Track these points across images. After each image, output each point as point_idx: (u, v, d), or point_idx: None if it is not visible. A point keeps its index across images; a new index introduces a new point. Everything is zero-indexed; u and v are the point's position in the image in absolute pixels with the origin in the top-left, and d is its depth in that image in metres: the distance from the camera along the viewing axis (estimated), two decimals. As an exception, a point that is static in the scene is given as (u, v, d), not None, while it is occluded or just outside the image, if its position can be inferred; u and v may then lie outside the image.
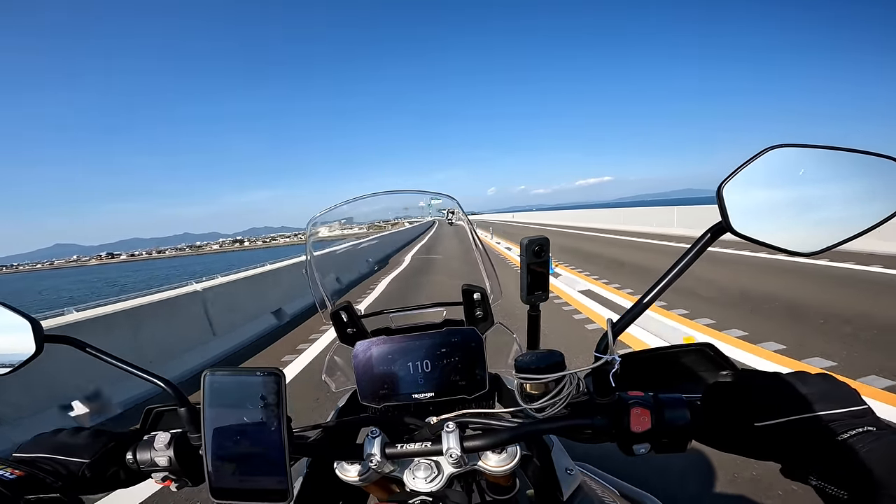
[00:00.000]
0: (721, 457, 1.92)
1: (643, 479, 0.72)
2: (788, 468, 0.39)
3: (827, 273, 5.77)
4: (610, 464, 0.77)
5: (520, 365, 0.50)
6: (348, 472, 0.55)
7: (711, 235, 0.40)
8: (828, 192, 0.37)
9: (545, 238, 0.59)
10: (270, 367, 0.46)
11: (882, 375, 2.65)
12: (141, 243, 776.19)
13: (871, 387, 2.52)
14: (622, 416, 0.45)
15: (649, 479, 1.35)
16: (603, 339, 0.45)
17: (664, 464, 1.89)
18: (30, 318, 0.53)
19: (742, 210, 0.37)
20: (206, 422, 0.46)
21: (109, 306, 3.64)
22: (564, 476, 0.61)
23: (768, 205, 0.37)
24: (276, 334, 5.21)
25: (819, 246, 0.37)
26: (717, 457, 1.93)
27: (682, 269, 0.41)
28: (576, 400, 0.49)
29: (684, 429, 0.44)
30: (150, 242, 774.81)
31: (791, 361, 3.04)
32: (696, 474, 1.89)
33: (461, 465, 0.53)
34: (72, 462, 0.51)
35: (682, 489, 1.82)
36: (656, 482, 1.77)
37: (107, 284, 49.35)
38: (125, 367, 0.54)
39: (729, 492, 1.79)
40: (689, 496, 1.78)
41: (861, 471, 0.33)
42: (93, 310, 3.53)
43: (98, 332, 3.31)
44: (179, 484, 0.55)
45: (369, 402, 0.73)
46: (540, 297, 0.62)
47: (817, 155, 0.36)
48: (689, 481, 1.85)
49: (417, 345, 0.71)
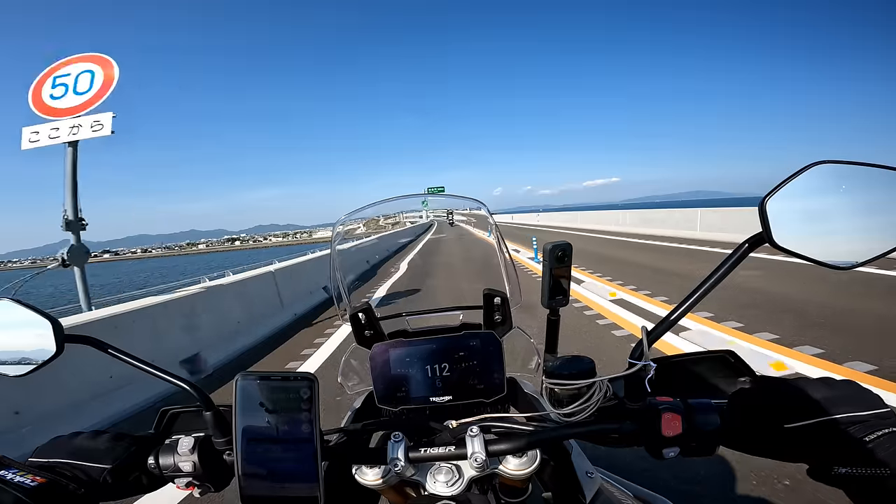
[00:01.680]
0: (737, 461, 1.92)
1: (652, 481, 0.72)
2: (816, 469, 0.41)
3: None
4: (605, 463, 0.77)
5: (551, 370, 0.50)
6: (367, 476, 0.54)
7: (749, 246, 0.40)
8: (867, 208, 0.38)
9: (568, 243, 0.59)
10: (304, 373, 0.45)
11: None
12: (147, 240, 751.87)
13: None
14: (654, 420, 0.45)
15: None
16: (638, 347, 0.45)
17: (661, 465, 1.90)
18: (50, 317, 0.51)
19: (783, 223, 0.38)
20: (238, 427, 0.45)
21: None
22: (585, 479, 0.62)
23: (809, 219, 0.38)
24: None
25: (855, 260, 0.38)
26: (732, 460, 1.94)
27: (719, 279, 0.42)
28: (604, 405, 0.50)
29: (714, 433, 0.45)
30: (157, 239, 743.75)
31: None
32: (707, 477, 1.90)
33: (483, 469, 0.53)
34: (93, 468, 0.50)
35: (692, 492, 1.83)
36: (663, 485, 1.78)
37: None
38: (146, 369, 0.53)
39: (739, 494, 1.80)
40: (702, 499, 1.79)
41: (892, 459, 0.35)
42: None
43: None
44: (203, 490, 0.54)
45: (386, 405, 0.72)
46: (560, 301, 0.63)
47: (860, 172, 0.37)
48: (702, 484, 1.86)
49: (435, 348, 0.71)
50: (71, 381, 2.94)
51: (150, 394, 3.40)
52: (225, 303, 4.96)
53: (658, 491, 0.72)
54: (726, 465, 1.94)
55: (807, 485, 1.61)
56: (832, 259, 0.38)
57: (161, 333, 3.90)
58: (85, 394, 3.04)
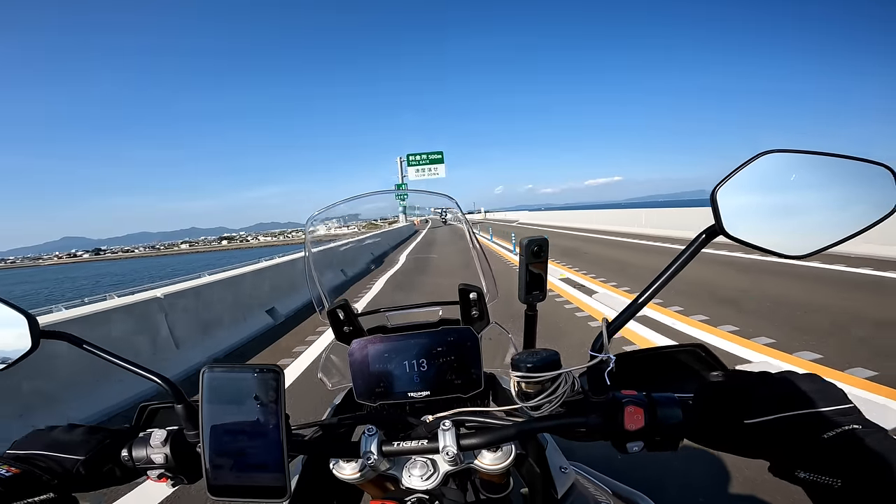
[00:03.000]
0: (714, 457, 1.94)
1: (639, 480, 0.73)
2: (777, 466, 0.40)
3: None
4: (606, 464, 0.78)
5: (516, 363, 0.50)
6: (344, 470, 0.55)
7: (706, 237, 0.40)
8: (818, 196, 0.38)
9: (544, 238, 0.59)
10: (269, 365, 0.46)
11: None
12: (149, 237, 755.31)
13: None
14: (616, 414, 0.45)
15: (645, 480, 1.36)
16: (598, 339, 0.45)
17: (659, 463, 1.91)
18: (25, 312, 0.52)
19: (734, 213, 0.38)
20: (205, 418, 0.46)
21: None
22: (559, 474, 0.62)
23: (760, 209, 0.38)
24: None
25: (809, 249, 0.38)
26: (710, 457, 1.95)
27: (677, 270, 0.42)
28: (571, 399, 0.50)
29: (676, 427, 0.45)
30: (158, 236, 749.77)
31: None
32: (689, 474, 1.91)
33: (457, 463, 0.53)
34: (66, 459, 0.51)
35: (675, 489, 1.84)
36: (653, 483, 1.79)
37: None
38: (122, 364, 0.54)
39: (720, 491, 1.81)
40: (682, 496, 1.80)
41: (851, 464, 0.34)
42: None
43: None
44: (175, 481, 0.55)
45: (365, 400, 0.73)
46: (537, 297, 0.63)
47: (809, 161, 0.37)
48: (682, 481, 1.87)
49: (413, 343, 0.71)
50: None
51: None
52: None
53: (639, 488, 0.72)
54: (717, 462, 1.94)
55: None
56: (785, 249, 0.38)
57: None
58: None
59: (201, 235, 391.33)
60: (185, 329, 4.24)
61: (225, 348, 4.61)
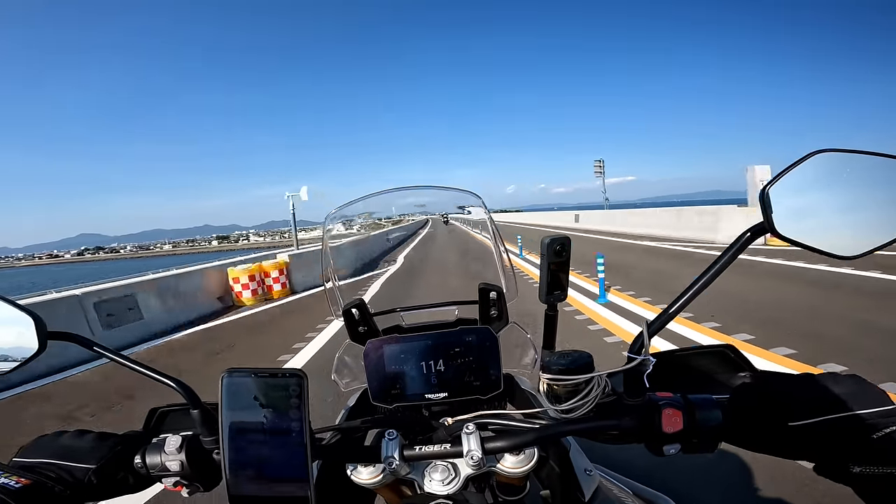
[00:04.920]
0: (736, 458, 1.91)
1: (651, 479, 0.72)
2: (824, 465, 0.40)
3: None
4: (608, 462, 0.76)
5: (546, 365, 0.49)
6: (362, 475, 0.53)
7: (751, 235, 0.39)
8: (870, 196, 0.37)
9: (567, 237, 0.58)
10: (293, 369, 0.44)
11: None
12: (162, 234, 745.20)
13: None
14: (653, 416, 0.45)
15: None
16: (637, 340, 0.44)
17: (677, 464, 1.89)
18: (33, 314, 0.50)
19: (785, 212, 0.37)
20: (224, 425, 0.43)
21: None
22: (584, 477, 0.61)
23: (811, 208, 0.38)
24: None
25: (860, 250, 0.37)
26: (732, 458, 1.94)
27: (719, 270, 0.41)
28: (602, 401, 0.49)
29: (715, 429, 0.44)
30: (172, 234, 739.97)
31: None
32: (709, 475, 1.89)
33: (480, 467, 0.52)
34: (77, 468, 0.48)
35: (698, 491, 1.81)
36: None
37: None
38: (131, 366, 0.52)
39: (739, 492, 1.78)
40: (703, 498, 1.78)
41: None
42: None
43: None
44: (191, 489, 0.53)
45: (381, 402, 0.71)
46: (559, 296, 0.62)
47: (861, 160, 0.36)
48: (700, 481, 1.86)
49: (430, 344, 0.70)
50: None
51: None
52: None
53: (660, 489, 0.71)
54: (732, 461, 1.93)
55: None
56: (834, 249, 0.37)
57: None
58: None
59: (214, 233, 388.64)
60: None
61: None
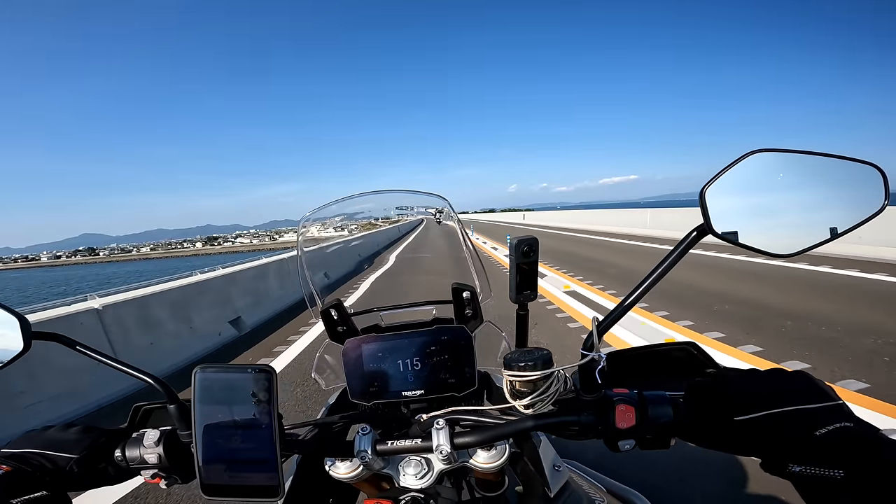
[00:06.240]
0: (709, 454, 1.96)
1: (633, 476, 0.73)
2: (769, 462, 0.40)
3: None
4: (600, 461, 0.78)
5: (508, 362, 0.51)
6: (339, 470, 0.55)
7: (696, 236, 0.40)
8: (806, 196, 0.38)
9: (534, 238, 0.60)
10: (262, 365, 0.46)
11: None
12: (165, 234, 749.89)
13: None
14: (608, 412, 0.46)
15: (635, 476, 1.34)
16: (589, 338, 0.45)
17: (653, 460, 1.92)
18: (17, 314, 0.52)
19: (723, 212, 0.38)
20: (197, 419, 0.46)
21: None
22: (552, 472, 0.62)
23: (748, 208, 0.39)
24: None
25: (796, 248, 0.38)
26: (705, 454, 1.96)
27: (666, 269, 0.42)
28: (563, 397, 0.50)
29: (667, 425, 0.45)
30: (174, 234, 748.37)
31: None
32: (684, 473, 1.92)
33: (451, 462, 0.53)
34: (60, 457, 0.51)
35: (670, 486, 1.84)
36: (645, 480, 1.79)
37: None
38: (113, 364, 0.54)
39: (715, 487, 1.82)
40: (677, 493, 1.81)
41: (852, 455, 0.34)
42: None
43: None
44: (169, 481, 0.55)
45: (359, 399, 0.73)
46: (528, 296, 0.63)
47: (797, 160, 0.37)
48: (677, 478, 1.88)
49: (407, 343, 0.72)
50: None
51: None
52: None
53: (635, 485, 0.72)
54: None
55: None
56: (772, 248, 0.38)
57: None
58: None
59: (216, 233, 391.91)
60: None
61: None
